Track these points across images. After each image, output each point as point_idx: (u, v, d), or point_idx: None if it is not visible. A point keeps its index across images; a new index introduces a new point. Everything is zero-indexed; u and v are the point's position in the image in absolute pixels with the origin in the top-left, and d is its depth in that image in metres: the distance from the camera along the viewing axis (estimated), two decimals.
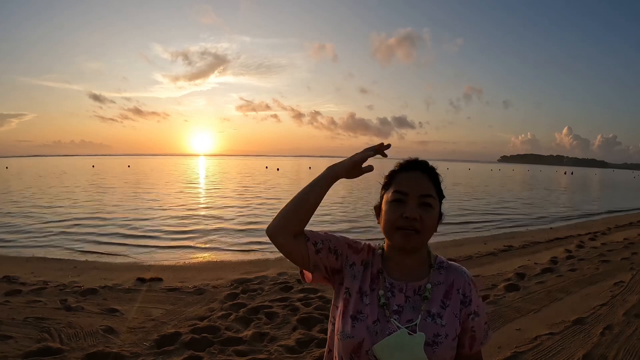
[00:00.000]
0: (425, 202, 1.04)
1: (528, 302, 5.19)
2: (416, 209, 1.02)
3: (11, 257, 8.48)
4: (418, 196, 1.03)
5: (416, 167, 1.09)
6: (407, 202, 1.03)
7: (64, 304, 4.98)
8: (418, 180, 1.06)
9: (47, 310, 4.81)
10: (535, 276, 6.41)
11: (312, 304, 4.94)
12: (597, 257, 7.83)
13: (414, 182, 1.05)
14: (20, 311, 4.72)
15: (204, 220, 13.95)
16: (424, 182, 1.06)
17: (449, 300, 1.05)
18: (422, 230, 1.02)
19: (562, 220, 15.56)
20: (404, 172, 1.08)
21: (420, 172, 1.08)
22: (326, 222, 13.78)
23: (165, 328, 4.24)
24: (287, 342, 3.79)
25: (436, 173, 1.11)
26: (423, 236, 1.03)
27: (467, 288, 1.07)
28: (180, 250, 9.46)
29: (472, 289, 1.08)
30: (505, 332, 4.25)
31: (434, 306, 1.03)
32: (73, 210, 15.69)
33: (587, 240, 9.96)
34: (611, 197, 30.32)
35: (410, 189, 1.04)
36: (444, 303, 1.04)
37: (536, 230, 12.61)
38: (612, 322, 4.44)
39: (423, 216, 1.02)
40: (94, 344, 3.88)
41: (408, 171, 1.08)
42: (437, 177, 1.10)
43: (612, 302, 5.16)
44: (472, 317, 1.05)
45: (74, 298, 5.28)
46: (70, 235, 10.91)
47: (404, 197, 1.03)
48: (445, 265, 1.11)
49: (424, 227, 1.02)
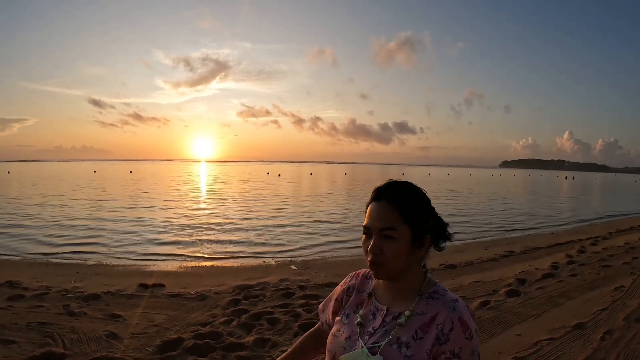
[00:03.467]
0: (386, 235, 1.02)
1: (529, 307, 5.21)
2: (377, 243, 1.03)
3: (13, 262, 8.53)
4: (378, 230, 1.03)
5: (381, 196, 1.06)
6: (372, 236, 1.04)
7: (66, 309, 5.00)
8: (380, 213, 1.04)
9: (49, 315, 4.83)
10: (536, 281, 6.43)
11: (314, 309, 4.95)
12: (598, 262, 7.84)
13: (375, 215, 1.05)
14: (23, 316, 4.75)
15: (206, 226, 13.98)
16: (386, 214, 1.03)
17: (423, 333, 0.98)
18: (385, 263, 1.02)
19: (563, 225, 15.57)
20: (372, 203, 1.08)
21: (385, 201, 1.05)
22: (331, 230, 13.81)
23: (168, 334, 4.26)
24: (289, 348, 3.78)
25: (405, 199, 1.05)
26: (388, 268, 1.03)
27: (449, 326, 0.97)
28: (182, 256, 9.49)
29: (455, 328, 0.96)
30: (506, 337, 4.27)
31: (406, 335, 0.99)
32: (75, 216, 15.74)
33: (588, 245, 9.98)
34: (612, 201, 30.35)
35: (372, 223, 1.05)
36: (416, 334, 0.99)
37: (537, 236, 12.62)
38: (612, 326, 4.46)
39: (385, 249, 1.02)
40: (97, 349, 3.90)
41: (374, 202, 1.08)
42: (405, 202, 1.04)
43: (612, 306, 5.17)
44: (446, 358, 0.96)
45: (76, 303, 5.31)
46: (72, 241, 10.95)
47: (369, 232, 1.06)
48: (437, 296, 1.04)
49: (386, 259, 1.02)
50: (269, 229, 13.36)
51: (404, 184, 1.09)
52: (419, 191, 1.09)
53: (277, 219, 15.83)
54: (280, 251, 10.14)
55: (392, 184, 1.09)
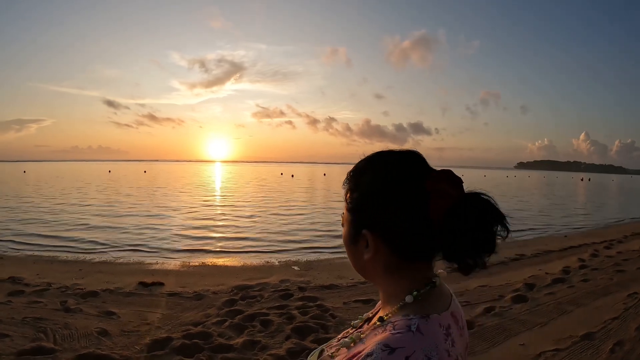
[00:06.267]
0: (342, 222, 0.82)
1: (535, 314, 4.98)
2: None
3: (19, 258, 8.60)
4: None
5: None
6: None
7: (63, 306, 5.00)
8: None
9: (46, 311, 4.84)
10: (545, 287, 6.18)
11: (310, 312, 4.83)
12: (612, 267, 7.53)
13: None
14: (20, 311, 4.77)
15: (213, 225, 14.00)
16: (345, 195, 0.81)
17: None
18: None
19: (577, 227, 15.12)
20: None
21: (345, 179, 0.82)
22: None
23: (159, 332, 4.19)
24: (278, 351, 3.69)
25: (357, 178, 0.79)
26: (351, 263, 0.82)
27: None
28: (185, 255, 9.46)
29: None
30: (508, 347, 4.06)
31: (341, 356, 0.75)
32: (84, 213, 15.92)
33: (601, 249, 9.63)
34: (628, 203, 29.48)
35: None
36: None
37: (549, 238, 12.26)
38: (623, 337, 4.21)
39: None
40: (86, 345, 3.88)
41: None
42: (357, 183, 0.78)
43: (624, 315, 4.91)
44: None
45: (74, 300, 5.30)
46: (78, 238, 11.03)
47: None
48: (386, 329, 0.68)
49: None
50: (276, 229, 13.29)
51: (369, 158, 0.80)
52: (383, 168, 0.75)
53: (286, 218, 15.76)
54: (284, 251, 10.04)
55: (365, 157, 0.81)
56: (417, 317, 0.67)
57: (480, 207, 0.70)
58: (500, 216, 0.71)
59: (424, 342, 0.63)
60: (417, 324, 0.66)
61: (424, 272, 0.75)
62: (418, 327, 0.65)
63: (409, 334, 0.64)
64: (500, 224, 0.71)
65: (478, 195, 0.71)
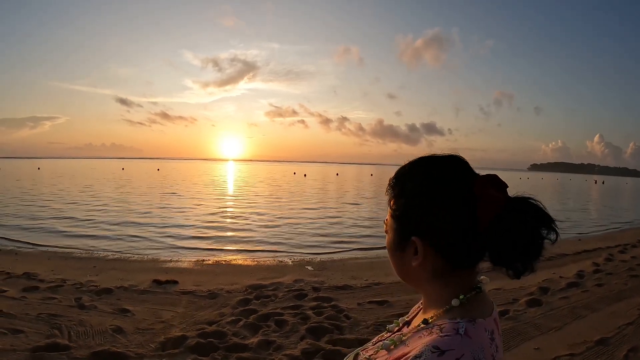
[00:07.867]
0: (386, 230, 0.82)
1: (550, 319, 4.93)
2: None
3: (34, 254, 8.72)
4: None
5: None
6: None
7: (78, 302, 5.06)
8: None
9: (60, 307, 4.90)
10: (560, 291, 6.12)
11: (324, 312, 4.84)
12: (626, 272, 7.43)
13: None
14: (35, 307, 4.83)
15: (227, 224, 14.08)
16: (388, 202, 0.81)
17: None
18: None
19: (591, 231, 14.91)
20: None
21: (388, 186, 0.82)
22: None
23: (173, 331, 4.23)
24: (293, 351, 3.70)
25: (403, 184, 0.78)
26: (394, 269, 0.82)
27: None
28: (199, 253, 9.51)
29: None
30: (522, 351, 4.04)
31: (382, 357, 0.76)
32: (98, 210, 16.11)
33: (616, 253, 9.50)
34: None
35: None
36: None
37: (563, 242, 12.10)
38: (637, 343, 4.15)
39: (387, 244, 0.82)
40: (101, 342, 3.91)
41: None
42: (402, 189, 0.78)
43: (638, 321, 4.85)
44: None
45: (88, 297, 5.36)
46: (93, 234, 11.18)
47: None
48: (433, 332, 0.69)
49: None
50: (289, 228, 13.31)
51: (413, 164, 0.79)
52: (430, 173, 0.75)
53: (298, 218, 15.78)
54: (298, 251, 10.05)
55: (408, 163, 0.80)
56: (464, 320, 0.68)
57: (529, 211, 0.70)
58: (549, 220, 0.71)
59: (472, 345, 0.64)
60: (465, 327, 0.66)
61: (469, 278, 0.76)
62: (466, 330, 0.66)
63: (458, 336, 0.65)
64: (548, 227, 0.71)
65: (526, 200, 0.72)
